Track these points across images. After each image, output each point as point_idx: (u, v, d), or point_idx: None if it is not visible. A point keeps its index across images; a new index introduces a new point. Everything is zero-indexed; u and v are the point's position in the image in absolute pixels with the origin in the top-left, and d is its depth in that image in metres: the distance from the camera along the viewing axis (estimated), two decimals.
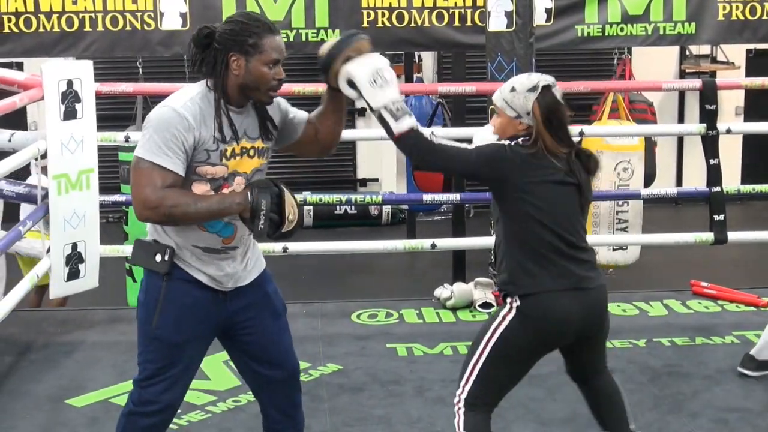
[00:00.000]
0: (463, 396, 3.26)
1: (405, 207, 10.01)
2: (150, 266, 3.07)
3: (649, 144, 8.12)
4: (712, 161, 6.11)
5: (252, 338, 3.18)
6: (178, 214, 2.91)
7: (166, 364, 3.09)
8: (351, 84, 3.08)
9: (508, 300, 3.24)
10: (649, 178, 8.07)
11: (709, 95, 6.11)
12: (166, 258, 3.02)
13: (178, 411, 4.28)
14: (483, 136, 3.43)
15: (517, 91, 3.22)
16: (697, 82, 6.33)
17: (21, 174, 5.70)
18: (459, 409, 3.27)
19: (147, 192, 2.89)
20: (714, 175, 6.13)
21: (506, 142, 3.22)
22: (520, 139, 3.22)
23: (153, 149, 2.90)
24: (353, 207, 10.22)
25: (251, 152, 3.06)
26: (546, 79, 3.26)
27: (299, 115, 3.24)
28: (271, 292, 3.24)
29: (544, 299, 3.18)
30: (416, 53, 10.16)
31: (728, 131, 6.23)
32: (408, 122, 3.14)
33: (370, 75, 3.08)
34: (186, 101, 2.95)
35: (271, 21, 3.04)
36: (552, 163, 3.19)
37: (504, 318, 3.23)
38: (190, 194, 2.95)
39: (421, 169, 3.29)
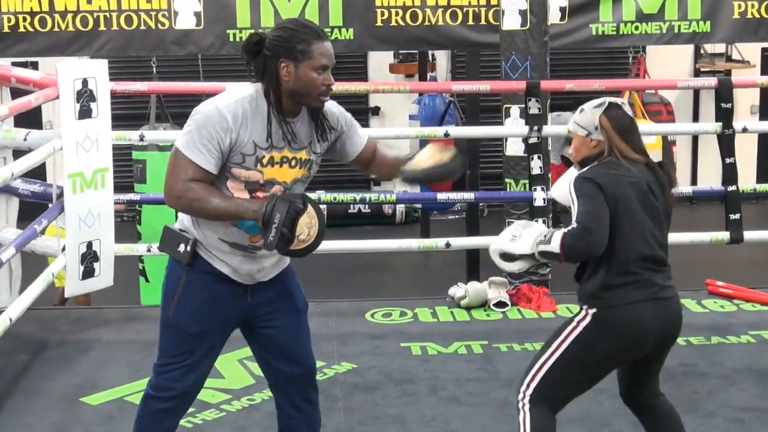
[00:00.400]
0: (528, 393, 3.25)
1: (419, 206, 10.00)
2: (173, 255, 3.11)
3: (666, 144, 8.10)
4: (728, 160, 6.08)
5: (271, 333, 3.19)
6: (197, 208, 2.97)
7: (182, 352, 3.12)
8: (505, 257, 3.31)
9: (584, 307, 3.24)
10: None
11: (724, 94, 6.08)
12: (188, 248, 3.06)
13: (193, 409, 4.32)
14: (561, 186, 3.52)
15: (585, 111, 3.33)
16: (712, 81, 6.30)
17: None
18: (524, 405, 3.26)
19: (175, 181, 2.96)
20: (730, 173, 6.10)
21: (575, 174, 3.26)
22: (598, 159, 3.28)
23: (189, 143, 2.95)
24: (367, 206, 10.22)
25: (293, 162, 3.07)
26: (615, 99, 3.35)
27: (359, 138, 3.25)
28: (293, 288, 3.26)
29: (625, 311, 3.18)
30: (430, 52, 10.16)
31: (744, 130, 6.20)
32: (557, 236, 3.17)
33: (507, 238, 3.32)
34: (232, 101, 2.97)
35: (320, 27, 3.04)
36: (631, 170, 3.23)
37: (578, 324, 3.23)
38: (214, 192, 2.98)
39: (595, 254, 3.21)
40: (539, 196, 6.03)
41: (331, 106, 3.16)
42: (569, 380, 3.27)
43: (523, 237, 3.29)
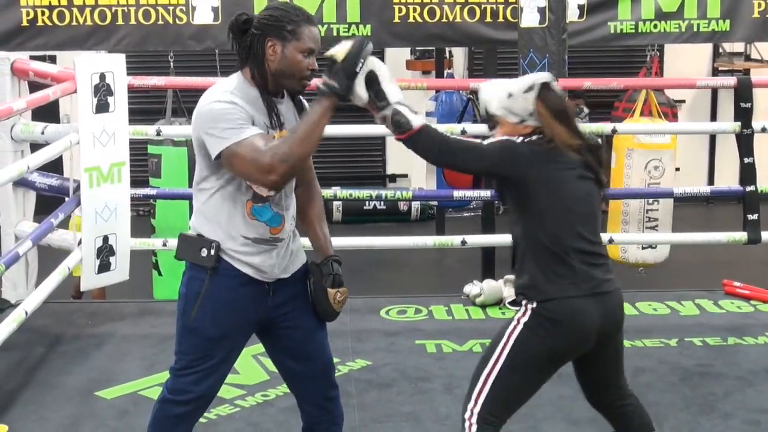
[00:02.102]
0: (477, 410, 3.10)
1: (434, 203, 9.98)
2: (196, 260, 3.05)
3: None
4: (746, 160, 6.05)
5: (288, 332, 3.16)
6: (289, 152, 2.84)
7: (201, 356, 3.09)
8: (369, 80, 3.01)
9: (524, 303, 3.12)
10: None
11: (744, 93, 6.05)
12: (212, 252, 3.02)
13: None
14: (490, 92, 3.23)
15: (514, 96, 3.14)
16: (731, 80, 6.26)
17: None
18: (471, 425, 3.10)
19: (255, 163, 2.85)
20: (748, 173, 6.07)
21: (519, 138, 3.12)
22: (534, 137, 3.12)
23: (225, 135, 2.87)
24: (382, 203, 10.21)
25: None
26: (541, 77, 3.18)
27: None
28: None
29: (566, 304, 3.06)
30: (447, 49, 10.14)
31: (763, 130, 6.16)
32: (421, 119, 3.09)
33: (387, 74, 3.07)
34: (226, 91, 2.95)
35: (310, 13, 3.04)
36: (568, 157, 3.09)
37: (519, 322, 3.10)
38: (285, 136, 2.93)
39: (432, 161, 3.16)
40: None
41: (306, 102, 3.17)
42: (518, 386, 3.13)
43: (394, 87, 3.06)
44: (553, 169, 3.07)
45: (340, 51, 2.92)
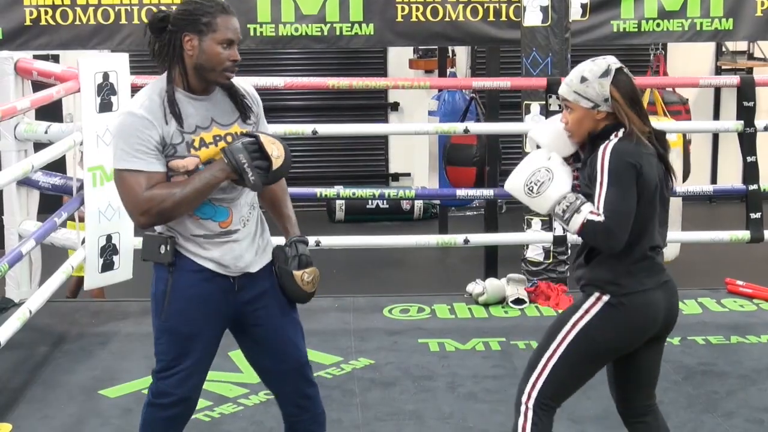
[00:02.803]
0: (534, 395, 3.09)
1: (437, 202, 9.98)
2: (156, 259, 3.05)
3: (684, 141, 8.07)
4: (749, 159, 6.05)
5: (259, 329, 3.13)
6: (170, 207, 2.90)
7: (177, 355, 3.07)
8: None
9: (596, 293, 3.06)
10: (684, 175, 8.01)
11: (747, 92, 6.05)
12: (168, 248, 3.01)
13: (210, 403, 4.33)
14: (545, 132, 3.21)
15: (589, 80, 3.06)
16: (734, 79, 6.26)
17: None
18: (527, 410, 3.10)
19: (133, 199, 2.90)
20: (751, 172, 6.07)
21: (611, 143, 3.00)
22: (614, 137, 3.03)
23: (124, 157, 2.90)
24: (385, 201, 10.21)
25: (228, 138, 3.00)
26: (614, 61, 3.12)
27: (264, 129, 3.18)
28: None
29: (642, 297, 3.05)
30: (450, 48, 10.14)
31: (766, 128, 6.16)
32: (577, 220, 2.97)
33: (525, 186, 3.07)
34: (144, 101, 2.93)
35: (227, 3, 2.98)
36: (649, 147, 3.04)
37: (588, 311, 3.06)
38: (173, 184, 2.92)
39: (610, 253, 3.08)
40: None
41: (249, 88, 3.13)
42: (577, 374, 3.13)
43: (542, 195, 3.03)
44: (648, 166, 3.02)
45: (277, 158, 2.90)
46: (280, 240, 3.23)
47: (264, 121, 3.19)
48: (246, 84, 3.14)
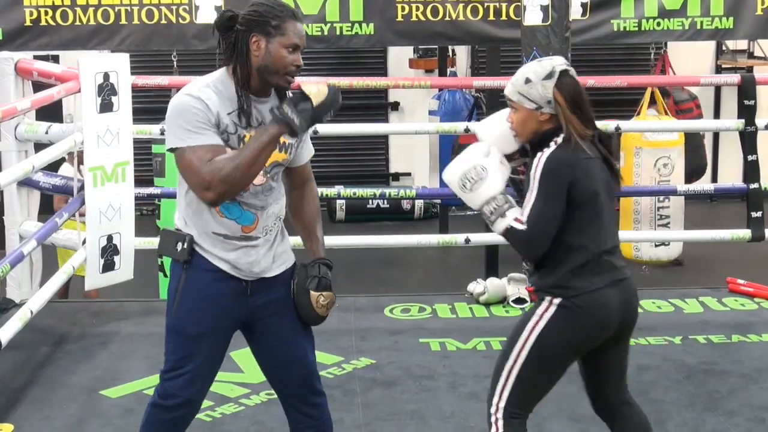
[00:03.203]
0: (502, 405, 3.11)
1: (437, 201, 9.97)
2: (172, 255, 3.06)
3: (699, 137, 8.08)
4: (750, 157, 6.05)
5: (269, 335, 3.12)
6: (230, 173, 2.85)
7: (184, 356, 3.05)
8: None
9: (547, 298, 3.09)
10: (700, 170, 8.02)
11: (747, 91, 6.05)
12: (185, 246, 3.01)
13: (211, 403, 4.33)
14: (490, 128, 3.24)
15: (533, 82, 3.06)
16: (735, 78, 6.27)
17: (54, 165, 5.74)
18: (497, 420, 3.11)
19: (197, 175, 2.88)
20: (752, 171, 6.07)
21: (547, 152, 3.03)
22: (552, 144, 3.06)
23: (180, 135, 2.90)
24: (385, 201, 10.21)
25: None
26: (560, 62, 3.12)
27: (309, 150, 3.21)
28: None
29: (592, 296, 3.06)
30: (450, 47, 10.14)
31: (767, 127, 6.16)
32: (500, 225, 3.07)
33: (460, 180, 3.11)
34: (201, 86, 2.95)
35: (296, 9, 3.01)
36: (589, 152, 3.06)
37: (542, 317, 3.08)
38: (229, 154, 2.91)
39: (537, 257, 3.14)
40: None
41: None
42: (541, 379, 3.14)
43: (475, 192, 3.09)
44: (587, 171, 3.04)
45: (316, 94, 2.92)
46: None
47: (308, 138, 3.19)
48: None
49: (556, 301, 3.08)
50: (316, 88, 2.93)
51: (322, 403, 3.24)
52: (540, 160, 3.04)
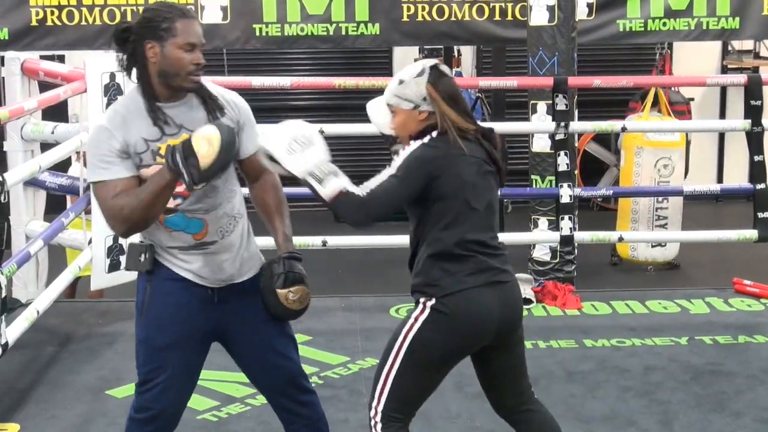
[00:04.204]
0: (380, 408, 3.05)
1: None
2: (136, 267, 3.02)
3: (687, 142, 8.10)
4: (756, 158, 6.04)
5: (244, 342, 3.08)
6: (130, 213, 2.83)
7: (154, 367, 3.03)
8: (271, 158, 2.96)
9: (422, 301, 3.03)
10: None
11: (754, 91, 6.04)
12: (147, 256, 2.98)
13: (217, 403, 4.33)
14: (377, 109, 3.17)
15: (406, 81, 3.06)
16: (741, 78, 6.25)
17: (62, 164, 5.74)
18: (376, 424, 3.06)
19: (106, 210, 2.88)
20: (759, 171, 6.05)
21: (419, 143, 3.02)
22: (427, 138, 3.03)
23: (92, 170, 2.89)
24: None
25: None
26: (430, 61, 3.10)
27: (252, 142, 3.08)
28: None
29: (464, 296, 2.99)
30: (455, 47, 10.14)
31: None
32: (334, 185, 2.94)
33: (288, 143, 2.96)
34: (110, 112, 2.93)
35: (186, 7, 2.94)
36: (465, 148, 3.01)
37: (416, 319, 3.02)
38: (132, 192, 2.87)
39: (363, 225, 3.06)
40: (565, 193, 6.00)
41: (233, 97, 3.06)
42: (418, 383, 3.07)
43: (302, 154, 2.93)
44: (455, 168, 3.00)
45: (204, 155, 2.75)
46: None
47: (251, 129, 3.08)
48: (230, 93, 3.07)
49: (429, 303, 3.01)
50: (206, 144, 2.77)
51: (313, 401, 3.21)
52: (409, 149, 3.02)
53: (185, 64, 2.88)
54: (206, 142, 2.76)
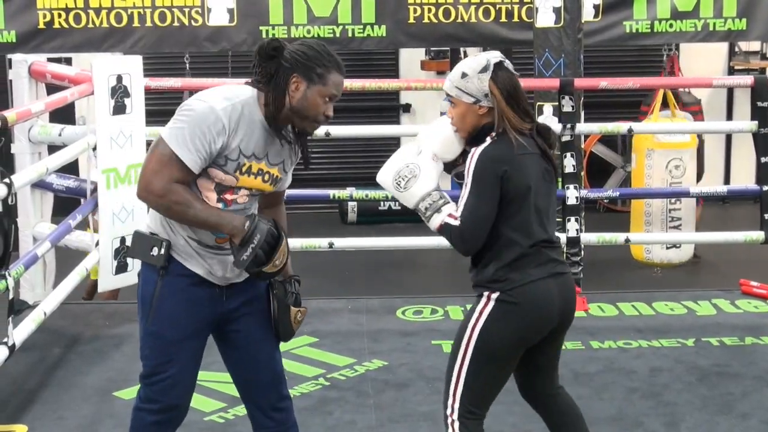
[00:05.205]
0: (456, 406, 3.10)
1: None
2: (147, 259, 3.03)
3: (701, 142, 8.07)
4: (763, 159, 6.03)
5: (237, 336, 3.12)
6: (176, 211, 2.91)
7: (163, 361, 3.05)
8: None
9: (485, 293, 3.09)
10: (700, 175, 8.01)
11: (761, 92, 6.03)
12: (162, 251, 2.99)
13: (224, 405, 4.34)
14: (432, 135, 3.23)
15: (469, 76, 3.09)
16: (748, 79, 6.25)
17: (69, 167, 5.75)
18: (453, 422, 3.11)
19: (157, 178, 2.88)
20: (766, 173, 6.05)
21: (480, 150, 3.05)
22: (488, 139, 3.08)
23: (179, 139, 2.87)
24: (397, 203, 10.20)
25: (266, 177, 3.02)
26: (495, 56, 3.13)
27: (288, 182, 3.19)
28: (263, 296, 3.15)
29: (530, 288, 3.05)
30: (462, 49, 10.14)
31: None
32: (435, 221, 3.09)
33: (393, 180, 3.15)
34: (228, 104, 2.90)
35: (341, 62, 2.98)
36: (527, 146, 3.06)
37: (482, 313, 3.08)
38: (195, 197, 2.91)
39: (471, 252, 3.15)
40: (572, 195, 6.00)
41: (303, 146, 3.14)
42: (490, 375, 3.12)
43: (409, 191, 3.11)
44: (521, 168, 3.04)
45: (274, 265, 2.94)
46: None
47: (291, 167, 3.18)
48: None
49: (494, 296, 3.06)
50: (280, 261, 2.95)
51: (287, 408, 3.24)
52: (473, 156, 3.06)
53: (319, 113, 2.97)
54: (282, 257, 2.97)
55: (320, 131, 6.04)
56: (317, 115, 2.96)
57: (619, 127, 6.43)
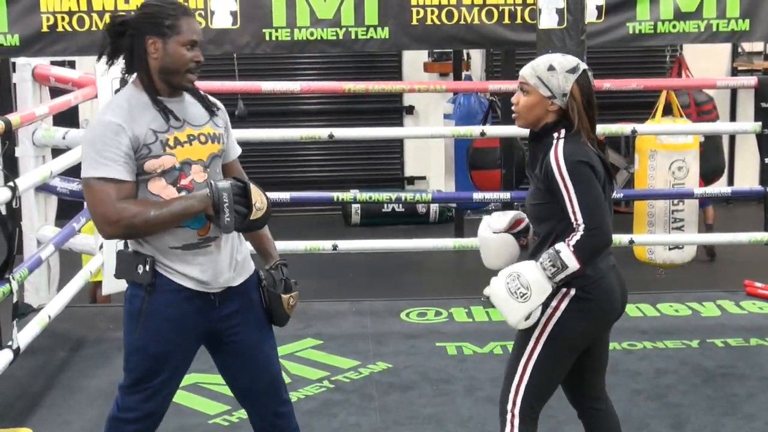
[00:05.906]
0: (519, 402, 3.09)
1: (453, 205, 9.97)
2: (133, 278, 2.97)
3: (718, 137, 8.08)
4: (767, 160, 6.02)
5: (234, 345, 3.08)
6: (140, 224, 2.84)
7: (147, 374, 3.02)
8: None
9: (563, 289, 3.04)
10: (720, 170, 8.01)
11: (764, 93, 6.04)
12: (147, 268, 2.93)
13: (229, 407, 4.34)
14: (490, 248, 3.39)
15: (556, 71, 3.05)
16: (752, 80, 6.24)
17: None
18: (513, 417, 3.10)
19: (104, 208, 2.84)
20: None
21: (561, 143, 3.02)
22: (556, 136, 3.05)
23: (92, 164, 2.84)
24: (401, 205, 10.20)
25: (201, 138, 2.97)
26: (584, 62, 3.14)
27: (234, 148, 3.16)
28: (257, 299, 3.13)
29: (601, 282, 3.07)
30: (465, 51, 10.14)
31: None
32: (569, 260, 2.94)
33: (511, 297, 3.01)
34: (113, 105, 2.92)
35: (186, 5, 2.97)
36: (595, 150, 3.08)
37: (556, 309, 3.06)
38: (149, 202, 2.88)
39: (606, 250, 3.11)
40: None
41: (216, 101, 3.12)
42: (557, 369, 3.13)
43: (533, 290, 2.96)
44: (598, 164, 3.05)
45: (258, 209, 2.87)
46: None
47: (231, 133, 3.15)
48: (212, 97, 3.13)
49: (572, 292, 3.06)
50: (261, 202, 2.88)
51: (289, 412, 3.22)
52: (556, 157, 3.01)
53: (186, 61, 2.93)
54: (260, 198, 2.88)
55: (324, 133, 6.04)
56: (185, 65, 2.92)
57: (623, 128, 6.42)
